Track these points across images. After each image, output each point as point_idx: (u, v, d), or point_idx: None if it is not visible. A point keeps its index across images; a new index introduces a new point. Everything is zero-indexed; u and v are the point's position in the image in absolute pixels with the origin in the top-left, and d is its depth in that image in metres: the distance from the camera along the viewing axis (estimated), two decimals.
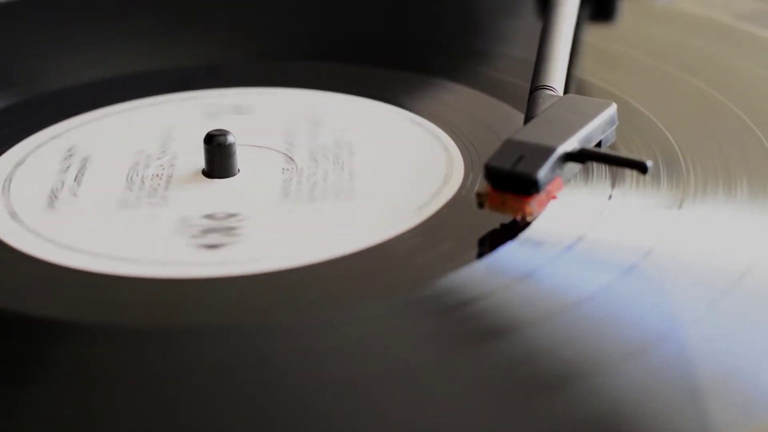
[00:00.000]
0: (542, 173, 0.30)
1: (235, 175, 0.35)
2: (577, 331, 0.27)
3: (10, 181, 0.35)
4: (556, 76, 0.36)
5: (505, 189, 0.30)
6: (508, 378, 0.26)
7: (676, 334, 0.27)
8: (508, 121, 0.37)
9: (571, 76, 0.34)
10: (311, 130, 0.38)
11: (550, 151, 0.31)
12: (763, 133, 0.36)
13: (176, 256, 0.31)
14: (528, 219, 0.31)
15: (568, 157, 0.31)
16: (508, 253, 0.30)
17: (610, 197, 0.33)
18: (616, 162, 0.32)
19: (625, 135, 0.36)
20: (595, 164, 0.34)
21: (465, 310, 0.28)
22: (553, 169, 0.31)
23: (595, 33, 0.45)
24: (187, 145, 0.37)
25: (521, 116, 0.35)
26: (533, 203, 0.30)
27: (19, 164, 0.36)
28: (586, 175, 0.33)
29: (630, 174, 0.33)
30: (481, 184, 0.32)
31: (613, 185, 0.33)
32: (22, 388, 0.27)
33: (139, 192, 0.34)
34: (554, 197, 0.31)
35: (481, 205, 0.31)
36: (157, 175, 0.35)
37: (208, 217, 0.33)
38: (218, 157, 0.35)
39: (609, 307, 0.28)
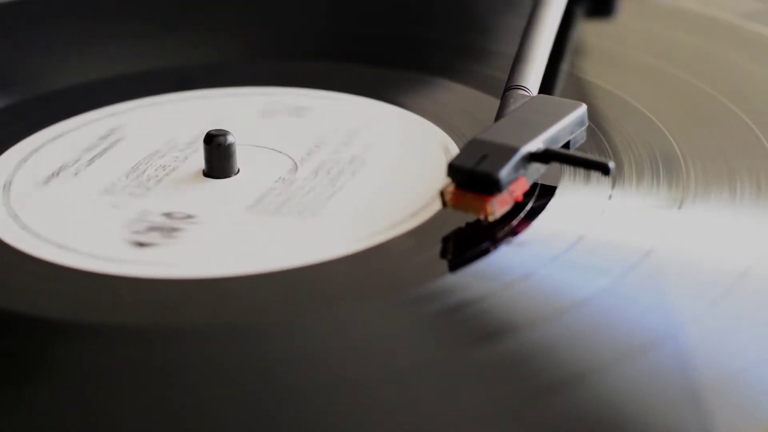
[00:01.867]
0: (504, 173, 0.30)
1: (231, 176, 0.35)
2: (577, 332, 0.27)
3: (11, 182, 0.36)
4: (530, 77, 0.36)
5: (468, 188, 0.31)
6: (508, 379, 0.26)
7: (676, 334, 0.27)
8: None
9: (570, 75, 0.34)
10: (309, 130, 0.38)
11: (513, 150, 0.31)
12: (763, 133, 0.35)
13: (105, 251, 0.31)
14: (489, 219, 0.31)
15: (533, 157, 0.31)
16: (508, 253, 0.30)
17: (610, 197, 0.33)
18: (580, 163, 0.32)
19: (625, 135, 0.36)
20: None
21: (465, 310, 0.28)
22: (517, 168, 0.31)
23: (595, 31, 0.45)
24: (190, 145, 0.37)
25: None
26: (495, 203, 0.30)
27: (17, 166, 0.36)
28: (587, 175, 0.33)
29: (630, 174, 0.33)
30: (445, 182, 0.32)
31: (613, 185, 0.33)
32: (22, 388, 0.27)
33: (127, 181, 0.35)
34: (519, 198, 0.31)
35: (444, 204, 0.31)
36: (163, 167, 0.35)
37: (166, 215, 0.33)
38: (216, 157, 0.35)
39: (609, 307, 0.28)
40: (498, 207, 0.30)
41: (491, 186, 0.30)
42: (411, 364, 0.27)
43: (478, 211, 0.31)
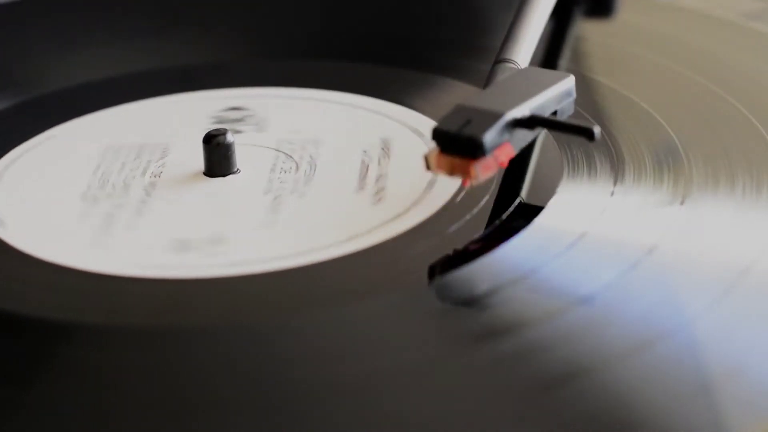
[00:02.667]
0: (488, 136, 0.30)
1: (230, 174, 0.35)
2: (581, 329, 0.27)
3: (9, 182, 0.36)
4: (521, 51, 0.36)
5: (453, 152, 0.31)
6: (511, 375, 0.26)
7: (680, 330, 0.27)
8: None
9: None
10: (309, 130, 0.38)
11: (497, 116, 0.31)
12: (765, 130, 0.35)
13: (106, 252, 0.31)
14: (473, 183, 0.31)
15: (518, 123, 0.31)
16: (511, 250, 0.30)
17: (612, 194, 0.33)
18: (565, 128, 0.32)
19: (627, 131, 0.36)
20: (602, 155, 0.34)
21: (467, 308, 0.28)
22: (501, 134, 0.31)
23: (596, 29, 0.45)
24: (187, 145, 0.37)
25: None
26: (478, 166, 0.30)
27: (17, 166, 0.36)
28: (589, 171, 0.33)
29: (632, 171, 0.33)
30: (429, 147, 0.31)
31: (615, 182, 0.33)
32: (22, 389, 0.27)
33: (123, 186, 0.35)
34: (503, 164, 0.31)
35: (428, 167, 0.31)
36: (156, 174, 0.35)
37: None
38: (216, 157, 0.35)
39: (612, 304, 0.28)
40: (482, 171, 0.30)
41: (475, 150, 0.30)
42: (411, 363, 0.27)
43: (462, 174, 0.31)
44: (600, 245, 0.30)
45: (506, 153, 0.31)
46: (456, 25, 0.46)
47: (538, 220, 0.31)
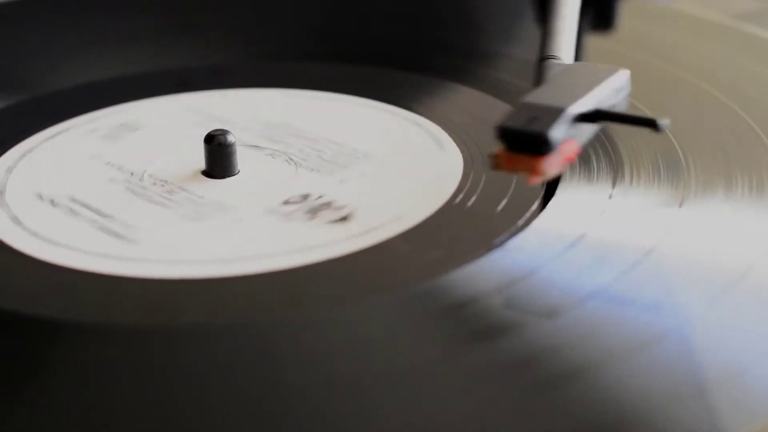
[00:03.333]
0: (554, 131, 0.30)
1: (232, 176, 0.35)
2: (579, 330, 0.27)
3: (9, 183, 0.35)
4: (563, 46, 0.36)
5: (519, 150, 0.30)
6: (510, 376, 0.26)
7: (678, 332, 0.27)
8: None
9: None
10: (309, 130, 0.38)
11: (561, 111, 0.31)
12: (763, 132, 0.36)
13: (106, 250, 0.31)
14: (540, 179, 0.30)
15: (582, 117, 0.31)
16: (510, 252, 0.30)
17: (610, 196, 0.33)
18: (629, 121, 0.32)
19: (625, 133, 0.36)
20: (600, 158, 0.34)
21: (466, 309, 0.28)
22: (566, 129, 0.30)
23: (595, 32, 0.45)
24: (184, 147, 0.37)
25: None
26: (547, 163, 0.30)
27: (17, 166, 0.36)
28: (588, 174, 0.33)
29: (630, 173, 0.33)
30: (494, 146, 0.31)
31: (613, 184, 0.33)
32: (22, 388, 0.27)
33: (147, 189, 0.35)
34: (570, 159, 0.31)
35: (495, 167, 0.31)
36: (157, 174, 0.35)
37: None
38: (218, 157, 0.35)
39: (610, 305, 0.28)
40: (550, 167, 0.30)
41: (542, 146, 0.30)
42: (412, 363, 0.27)
43: (529, 171, 0.30)
44: (599, 246, 0.31)
45: (571, 148, 0.31)
46: (457, 28, 0.46)
47: (538, 221, 0.31)
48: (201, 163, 0.35)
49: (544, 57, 0.35)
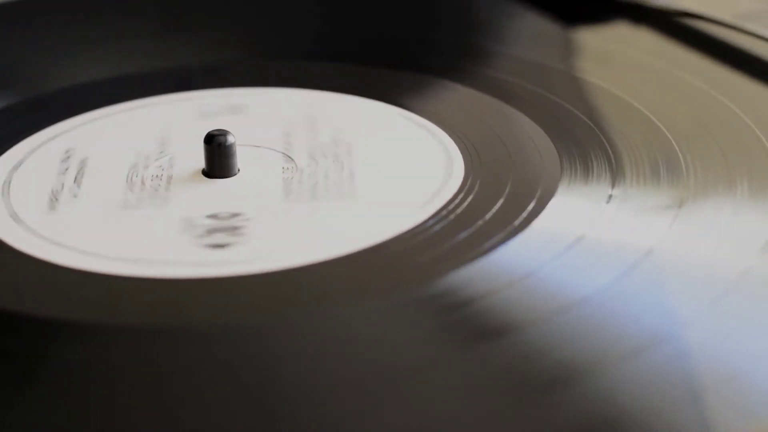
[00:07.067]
0: None
1: (235, 174, 0.35)
2: (577, 331, 0.27)
3: (10, 182, 0.35)
4: None
5: None
6: (508, 378, 0.26)
7: (676, 334, 0.27)
8: (508, 121, 0.37)
9: (569, 76, 0.34)
10: (309, 130, 0.38)
11: None
12: (763, 133, 0.36)
13: (181, 256, 0.31)
14: None
15: None
16: (509, 252, 0.30)
17: (610, 197, 0.33)
18: None
19: (625, 135, 0.36)
20: (599, 159, 0.34)
21: (465, 309, 0.28)
22: None
23: (594, 33, 0.45)
24: (184, 146, 0.37)
25: (522, 116, 0.35)
26: None
27: (17, 166, 0.36)
28: (586, 174, 0.33)
29: (630, 174, 0.33)
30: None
31: (613, 185, 0.33)
32: (22, 388, 0.27)
33: (140, 193, 0.34)
34: None
35: None
36: (157, 176, 0.35)
37: (212, 216, 0.33)
38: (218, 157, 0.35)
39: (609, 307, 0.28)
40: None
41: None
42: (411, 363, 0.27)
43: None
44: (597, 248, 0.31)
45: None
46: (452, 27, 0.46)
47: (537, 222, 0.31)
48: (202, 163, 0.35)
49: None
